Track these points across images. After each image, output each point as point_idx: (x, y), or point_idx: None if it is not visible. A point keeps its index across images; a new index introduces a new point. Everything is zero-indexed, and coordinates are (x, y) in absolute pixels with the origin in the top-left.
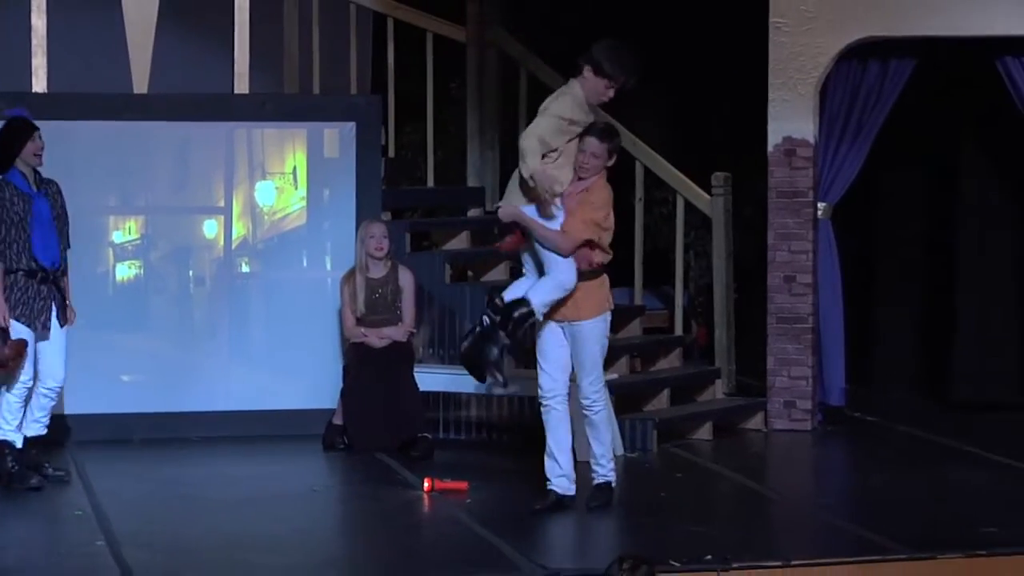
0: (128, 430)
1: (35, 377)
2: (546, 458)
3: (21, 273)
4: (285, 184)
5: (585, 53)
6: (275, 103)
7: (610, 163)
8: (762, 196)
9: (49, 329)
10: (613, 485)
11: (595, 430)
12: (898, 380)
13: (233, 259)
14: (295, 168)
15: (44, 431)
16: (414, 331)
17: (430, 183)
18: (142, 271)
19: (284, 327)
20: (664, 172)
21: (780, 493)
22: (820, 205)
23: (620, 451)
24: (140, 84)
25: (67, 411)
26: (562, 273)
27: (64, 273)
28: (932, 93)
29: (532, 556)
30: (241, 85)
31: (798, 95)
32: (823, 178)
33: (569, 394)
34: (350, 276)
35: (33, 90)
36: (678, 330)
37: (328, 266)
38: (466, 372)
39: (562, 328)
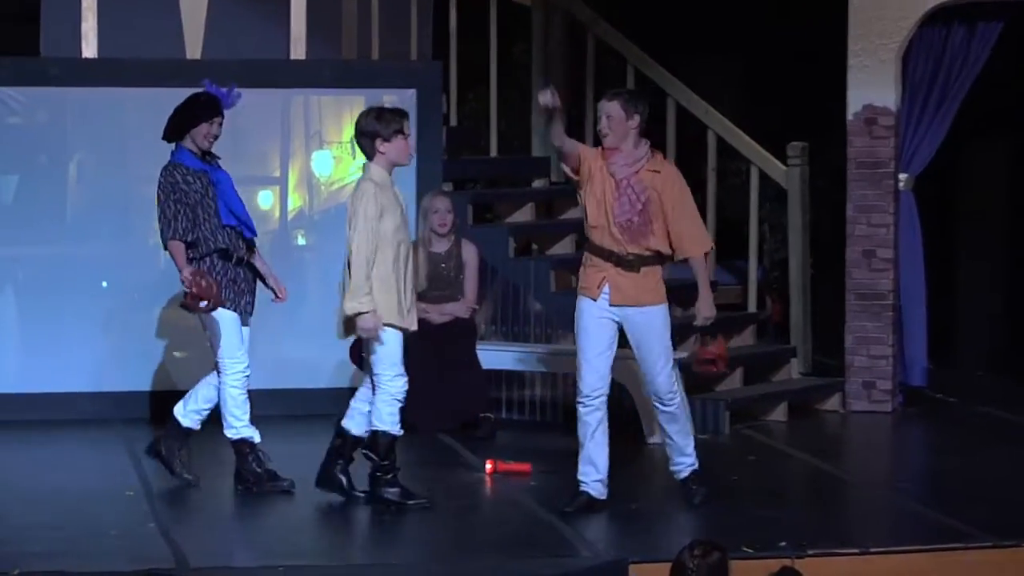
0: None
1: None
2: (581, 462)
3: (217, 256)
4: (343, 153)
5: (356, 136)
6: (332, 69)
7: (633, 123)
8: (840, 167)
9: (250, 315)
10: (694, 481)
11: (677, 423)
12: (981, 360)
13: (289, 231)
14: (353, 137)
15: (198, 427)
16: (476, 307)
17: (493, 153)
18: None
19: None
20: (738, 141)
21: (858, 477)
22: (901, 176)
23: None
24: (193, 49)
25: (120, 389)
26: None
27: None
28: (1020, 58)
29: (598, 542)
30: (297, 50)
31: (879, 61)
32: (905, 148)
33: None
34: (412, 250)
35: (83, 55)
36: (752, 307)
37: None
38: (530, 350)
39: (614, 315)
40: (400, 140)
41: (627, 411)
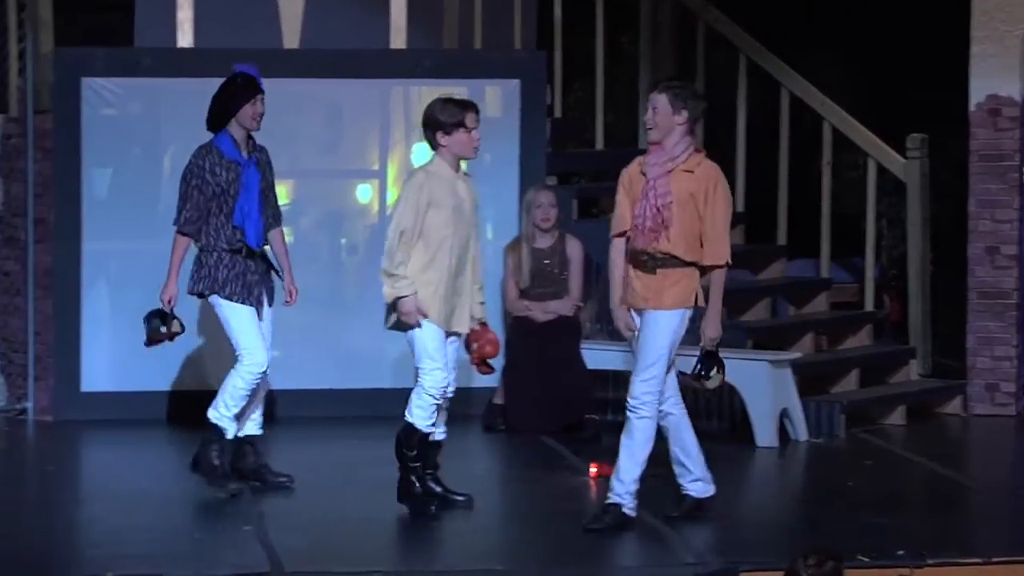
0: (276, 407)
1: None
2: (674, 466)
3: (225, 250)
4: None
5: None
6: (433, 59)
7: (680, 119)
8: (962, 160)
9: (263, 306)
10: (626, 512)
11: (631, 439)
12: None
13: (388, 226)
14: None
15: (259, 432)
16: (581, 305)
17: (599, 145)
18: (292, 238)
19: None
20: (855, 133)
21: (980, 483)
22: None
23: (804, 436)
24: (291, 39)
25: (214, 386)
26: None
27: (283, 248)
28: None
29: (707, 549)
30: (398, 40)
31: (1004, 48)
32: None
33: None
34: (514, 246)
35: (178, 45)
36: (868, 305)
37: (489, 234)
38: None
39: (636, 318)
40: (461, 133)
41: (738, 413)
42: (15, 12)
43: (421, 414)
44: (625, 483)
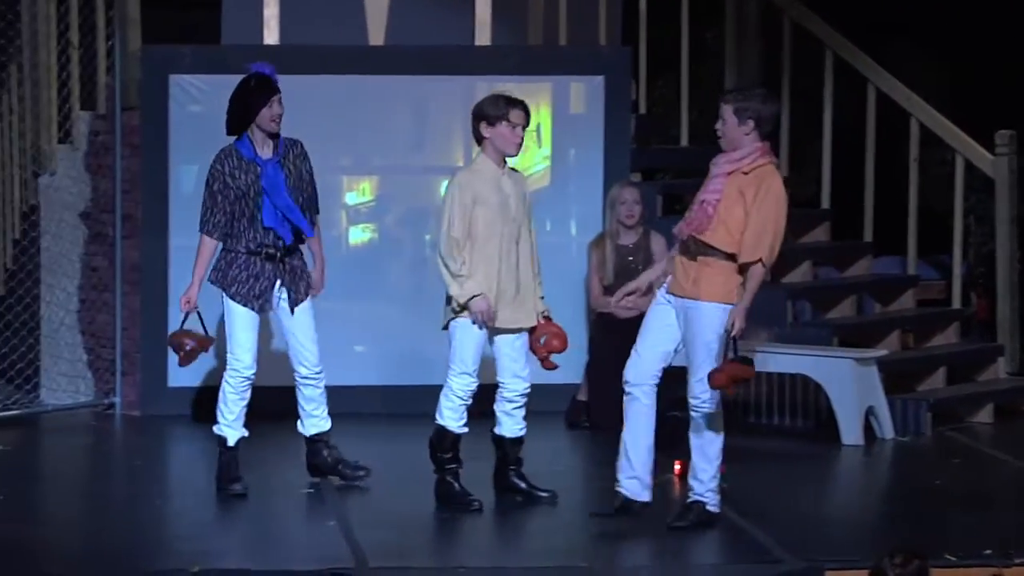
0: (361, 403)
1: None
2: (619, 456)
3: (242, 252)
4: (528, 142)
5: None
6: (518, 55)
7: (746, 129)
8: None
9: (267, 311)
10: (709, 508)
11: (700, 437)
12: None
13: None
14: (539, 125)
15: (327, 425)
16: None
17: (683, 142)
18: (376, 235)
19: None
20: (942, 129)
21: None
22: None
23: (890, 434)
24: (376, 36)
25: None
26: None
27: (317, 241)
28: None
29: (793, 547)
30: (482, 36)
31: None
32: None
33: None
34: (599, 242)
35: (265, 42)
36: (956, 303)
37: (573, 231)
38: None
39: (673, 306)
40: (504, 127)
41: (824, 411)
42: (103, 10)
43: (451, 415)
44: (703, 481)
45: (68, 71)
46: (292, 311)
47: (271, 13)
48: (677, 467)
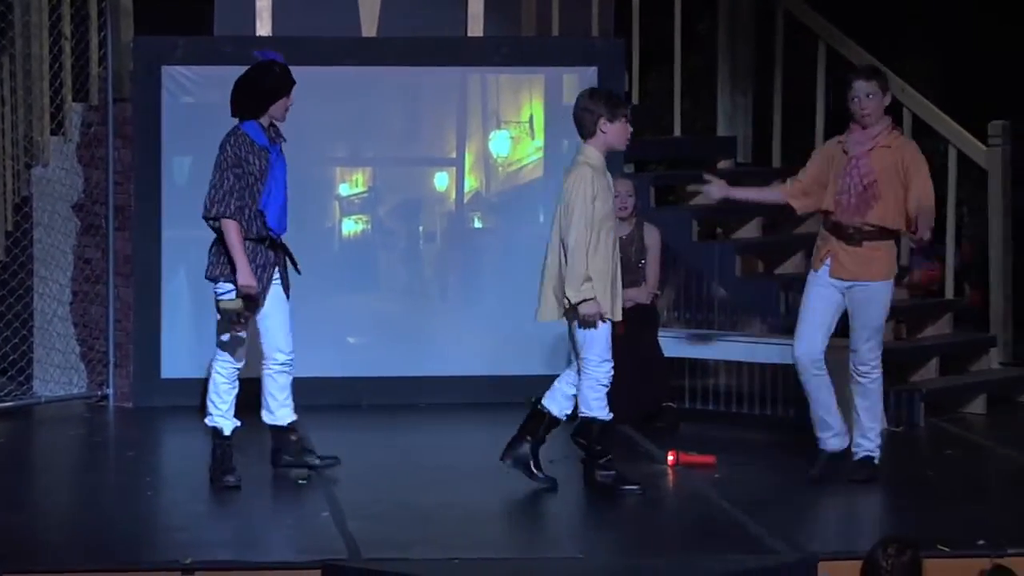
0: (354, 394)
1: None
2: (814, 423)
3: (252, 239)
4: (521, 134)
5: (578, 111)
6: (511, 47)
7: (888, 102)
8: None
9: (266, 296)
10: (876, 461)
11: (868, 399)
12: None
13: (465, 214)
14: (532, 116)
15: (293, 415)
16: (658, 293)
17: (676, 133)
18: (369, 226)
19: (518, 286)
20: (935, 120)
21: None
22: None
23: (883, 425)
24: (369, 27)
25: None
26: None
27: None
28: None
29: (786, 537)
30: (475, 28)
31: None
32: None
33: (825, 358)
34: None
35: (257, 33)
36: (949, 293)
37: None
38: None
39: (838, 288)
40: (623, 124)
41: None
42: (95, 1)
43: (599, 404)
44: (872, 439)
45: (60, 62)
46: (287, 296)
47: (264, 4)
48: (671, 458)
